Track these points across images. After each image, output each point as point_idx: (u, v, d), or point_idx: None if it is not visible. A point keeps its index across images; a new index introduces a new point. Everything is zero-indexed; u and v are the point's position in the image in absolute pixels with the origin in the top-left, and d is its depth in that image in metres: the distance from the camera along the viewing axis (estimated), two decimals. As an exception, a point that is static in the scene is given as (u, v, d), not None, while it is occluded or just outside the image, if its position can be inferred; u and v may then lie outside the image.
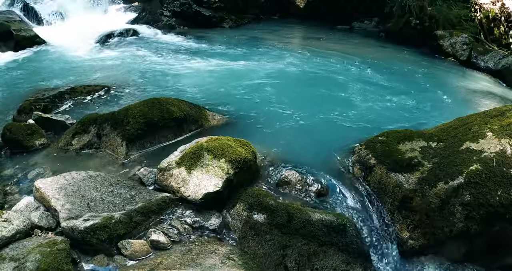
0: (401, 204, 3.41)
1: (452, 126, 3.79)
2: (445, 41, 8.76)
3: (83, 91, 5.48)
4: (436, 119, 5.03)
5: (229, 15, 10.66)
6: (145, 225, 3.12)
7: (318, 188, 3.58)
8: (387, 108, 5.43)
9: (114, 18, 10.21)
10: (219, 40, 8.69)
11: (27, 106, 4.90)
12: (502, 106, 4.00)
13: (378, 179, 3.59)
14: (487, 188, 3.11)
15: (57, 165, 3.88)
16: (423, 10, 9.45)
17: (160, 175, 3.45)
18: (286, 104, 5.27)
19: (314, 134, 4.56)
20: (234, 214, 3.28)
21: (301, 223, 3.16)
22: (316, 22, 11.00)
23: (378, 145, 3.82)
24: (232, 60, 7.26)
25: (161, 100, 4.36)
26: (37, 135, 4.26)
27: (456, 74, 7.69)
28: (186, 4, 10.21)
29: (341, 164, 3.97)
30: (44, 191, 3.16)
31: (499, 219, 3.07)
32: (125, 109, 4.21)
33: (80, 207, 3.07)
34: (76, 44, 8.21)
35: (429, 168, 3.43)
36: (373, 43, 9.49)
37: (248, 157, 3.48)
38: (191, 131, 4.42)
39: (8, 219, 2.90)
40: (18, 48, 7.80)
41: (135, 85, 5.84)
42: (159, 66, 6.83)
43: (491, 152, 3.26)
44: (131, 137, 4.02)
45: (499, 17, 9.69)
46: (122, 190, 3.35)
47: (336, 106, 5.33)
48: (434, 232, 3.26)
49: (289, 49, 8.30)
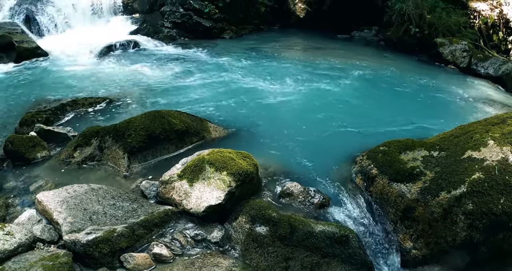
0: (404, 214, 3.40)
1: (453, 135, 3.79)
2: (444, 49, 8.78)
3: (84, 103, 5.49)
4: (438, 127, 5.02)
5: (229, 26, 10.69)
6: (148, 238, 3.11)
7: (320, 199, 3.57)
8: (388, 117, 5.44)
9: (116, 29, 10.26)
10: (220, 52, 8.70)
11: (29, 119, 4.90)
12: (503, 113, 4.01)
13: (380, 189, 3.59)
14: (489, 197, 3.11)
15: (59, 178, 3.88)
16: (422, 18, 9.48)
17: (162, 188, 3.45)
18: (287, 115, 5.29)
19: (315, 145, 4.56)
20: (237, 226, 3.28)
21: (303, 234, 3.15)
22: (316, 31, 11.04)
23: (380, 155, 3.82)
24: (232, 71, 7.28)
25: (163, 112, 4.37)
26: (39, 147, 4.25)
27: (456, 82, 7.68)
28: (186, 16, 10.26)
29: (343, 174, 3.98)
30: (46, 203, 3.16)
31: (502, 227, 3.06)
32: (126, 122, 4.22)
33: (82, 220, 3.06)
34: (77, 56, 8.24)
35: (431, 177, 3.43)
36: (373, 52, 9.51)
37: (250, 169, 3.48)
38: (193, 143, 4.42)
39: (11, 232, 2.90)
40: (20, 60, 7.80)
41: (136, 97, 5.86)
42: (160, 78, 6.85)
43: (493, 160, 3.25)
44: (133, 149, 4.03)
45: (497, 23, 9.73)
46: (124, 203, 3.35)
47: (337, 116, 5.34)
48: (437, 241, 3.24)
49: (290, 60, 8.32)
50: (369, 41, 10.56)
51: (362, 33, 11.10)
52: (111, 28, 10.39)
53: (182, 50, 8.92)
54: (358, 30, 11.17)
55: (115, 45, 8.71)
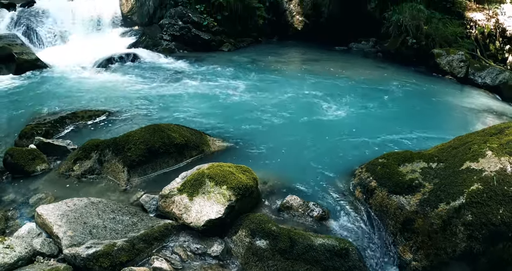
0: (403, 226, 3.40)
1: (451, 146, 3.80)
2: (442, 59, 8.82)
3: (84, 116, 5.51)
4: (436, 137, 5.04)
5: (228, 39, 10.75)
6: (148, 252, 3.11)
7: (320, 212, 3.57)
8: (387, 128, 5.44)
9: (115, 41, 10.32)
10: (218, 64, 8.72)
11: (28, 131, 4.91)
12: (501, 123, 4.02)
13: (380, 202, 3.60)
14: (488, 207, 3.10)
15: (58, 191, 3.89)
16: (419, 29, 9.55)
17: (162, 202, 3.46)
18: (285, 128, 5.31)
19: (314, 158, 4.56)
20: (237, 240, 3.27)
21: (303, 248, 3.15)
22: (314, 43, 11.10)
23: (379, 167, 3.83)
24: (231, 85, 7.30)
25: (162, 126, 4.39)
26: (39, 160, 4.26)
27: (454, 92, 7.72)
28: (185, 28, 10.32)
29: (342, 187, 3.98)
30: (46, 217, 3.17)
31: (502, 238, 3.05)
32: (126, 136, 4.23)
33: (82, 234, 3.07)
34: (77, 68, 8.28)
35: (430, 189, 3.44)
36: (371, 63, 9.54)
37: (250, 183, 3.49)
38: (192, 157, 4.42)
39: (10, 246, 2.91)
40: (20, 72, 7.84)
41: (136, 110, 5.87)
42: (159, 91, 6.87)
43: (491, 170, 3.26)
44: (133, 163, 4.04)
45: (494, 33, 9.81)
46: (124, 216, 3.35)
47: (335, 129, 5.36)
48: (437, 253, 3.23)
49: (288, 72, 8.35)
50: (367, 53, 10.60)
51: (360, 44, 11.13)
52: (110, 40, 10.45)
53: (181, 63, 8.95)
54: (356, 42, 11.20)
55: (114, 58, 8.74)
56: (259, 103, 6.30)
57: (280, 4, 11.83)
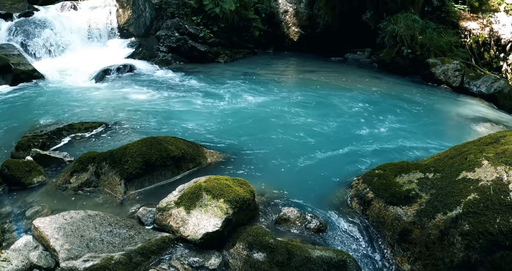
0: (401, 236, 3.40)
1: (448, 156, 3.82)
2: (437, 69, 8.89)
3: (81, 128, 5.50)
4: (432, 147, 5.07)
5: (224, 50, 10.82)
6: (145, 266, 3.09)
7: (317, 224, 3.57)
8: (383, 139, 5.47)
9: (112, 53, 10.39)
10: (215, 76, 8.76)
11: (25, 143, 4.89)
12: (496, 132, 4.03)
13: (377, 213, 3.60)
14: (485, 217, 3.11)
15: (55, 203, 3.87)
16: (414, 39, 9.64)
17: (159, 215, 3.45)
18: (282, 140, 5.31)
19: (311, 170, 4.57)
20: (234, 253, 3.26)
21: (301, 260, 3.14)
22: (310, 54, 11.18)
23: (375, 179, 3.84)
24: (226, 96, 7.32)
25: (159, 139, 4.39)
26: (35, 172, 4.23)
27: (449, 101, 7.77)
28: (182, 40, 10.38)
29: (339, 198, 3.98)
30: (43, 230, 3.15)
31: (499, 247, 3.06)
32: (123, 148, 4.23)
33: (79, 247, 3.05)
34: (74, 79, 8.31)
35: (427, 200, 3.44)
36: (366, 73, 9.60)
37: (247, 196, 3.49)
38: (189, 169, 4.42)
39: (7, 259, 2.89)
40: (16, 82, 7.86)
41: (132, 122, 5.87)
42: (155, 103, 6.88)
43: (487, 180, 3.27)
44: (130, 175, 4.03)
45: (488, 41, 9.90)
46: (121, 229, 3.33)
47: (332, 140, 5.37)
48: (435, 263, 3.23)
49: (284, 84, 8.38)
50: (362, 63, 10.67)
51: (355, 55, 11.22)
52: (107, 51, 10.52)
53: (178, 74, 8.99)
54: (351, 53, 11.29)
55: (111, 69, 8.78)
56: (255, 115, 6.31)
57: (276, 16, 11.93)
